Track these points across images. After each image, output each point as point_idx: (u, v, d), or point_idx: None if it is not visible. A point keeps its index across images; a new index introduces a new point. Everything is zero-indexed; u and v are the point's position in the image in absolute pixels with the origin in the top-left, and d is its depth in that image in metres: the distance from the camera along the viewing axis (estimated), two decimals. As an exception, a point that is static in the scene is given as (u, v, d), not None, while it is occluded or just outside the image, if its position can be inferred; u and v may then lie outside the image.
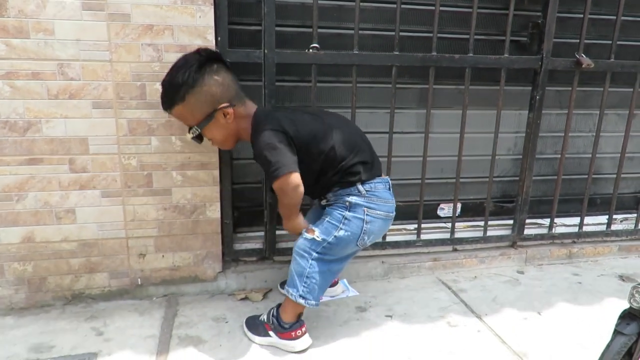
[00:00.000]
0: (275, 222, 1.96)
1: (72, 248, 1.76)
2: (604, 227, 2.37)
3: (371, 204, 1.56)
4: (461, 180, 2.27)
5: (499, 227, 2.31)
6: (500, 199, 2.40)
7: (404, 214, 2.21)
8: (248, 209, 2.10)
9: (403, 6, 1.93)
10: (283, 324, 1.56)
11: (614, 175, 2.36)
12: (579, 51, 2.06)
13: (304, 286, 1.54)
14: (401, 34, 1.98)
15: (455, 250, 2.24)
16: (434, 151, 2.19)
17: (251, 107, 1.60)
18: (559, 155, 2.23)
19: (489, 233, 2.24)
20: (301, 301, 1.54)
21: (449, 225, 2.23)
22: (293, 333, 1.56)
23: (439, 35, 2.00)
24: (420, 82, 2.12)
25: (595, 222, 2.42)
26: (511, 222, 2.27)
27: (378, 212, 1.57)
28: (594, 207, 2.49)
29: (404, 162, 2.19)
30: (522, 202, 2.21)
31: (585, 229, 2.36)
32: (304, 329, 1.58)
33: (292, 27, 1.94)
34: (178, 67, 1.49)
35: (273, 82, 1.82)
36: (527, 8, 2.12)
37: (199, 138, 1.60)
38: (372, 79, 2.06)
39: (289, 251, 2.00)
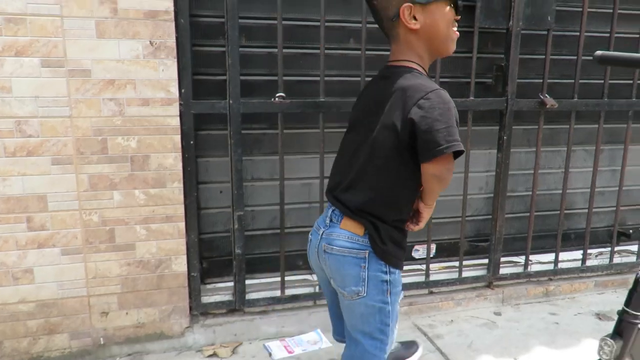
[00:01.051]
0: (245, 272, 1.92)
1: (30, 309, 1.69)
2: (579, 263, 2.37)
3: None
4: (435, 220, 2.26)
5: (474, 267, 2.28)
6: (475, 238, 2.38)
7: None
8: (218, 259, 2.05)
9: (369, 52, 1.96)
10: None
11: (586, 210, 2.37)
12: (542, 92, 2.09)
13: None
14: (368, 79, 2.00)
15: (431, 292, 2.21)
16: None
17: None
18: (531, 193, 2.24)
19: (465, 274, 2.22)
20: None
21: (425, 267, 2.21)
22: None
23: None
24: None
25: (570, 257, 2.41)
26: (487, 261, 2.26)
27: None
28: (568, 243, 2.48)
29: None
30: (496, 241, 2.20)
31: (560, 265, 2.34)
32: None
33: (258, 76, 1.95)
34: None
35: (239, 131, 1.80)
36: (491, 51, 2.16)
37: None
38: (338, 123, 2.06)
39: (260, 302, 1.97)
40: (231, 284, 1.95)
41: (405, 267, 2.20)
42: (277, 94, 1.82)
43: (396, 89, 1.20)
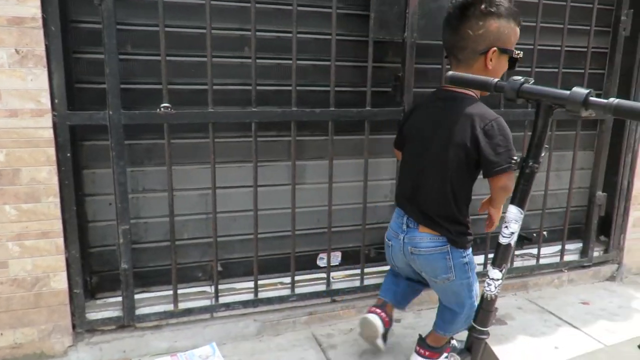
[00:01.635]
0: (133, 286, 1.86)
1: None
2: (481, 268, 2.43)
3: None
4: (340, 228, 2.28)
5: (379, 275, 2.31)
6: (381, 245, 2.41)
7: (281, 267, 2.18)
8: (109, 273, 1.98)
9: (263, 61, 1.93)
10: None
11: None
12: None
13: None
14: (264, 88, 1.98)
15: (333, 301, 2.22)
16: (308, 202, 2.19)
17: None
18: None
19: (368, 282, 2.24)
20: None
21: (330, 275, 2.22)
22: None
23: (309, 88, 2.04)
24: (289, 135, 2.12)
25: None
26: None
27: None
28: (474, 248, 2.54)
29: (278, 214, 2.16)
30: (397, 249, 2.23)
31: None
32: None
33: (144, 85, 1.88)
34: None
35: (121, 142, 1.74)
36: (392, 60, 2.18)
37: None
38: (238, 133, 2.03)
39: (151, 316, 1.92)
40: (121, 299, 1.90)
41: (308, 276, 2.25)
42: (162, 105, 1.76)
43: (464, 114, 1.55)
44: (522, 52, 1.62)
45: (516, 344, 2.02)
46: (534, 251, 2.56)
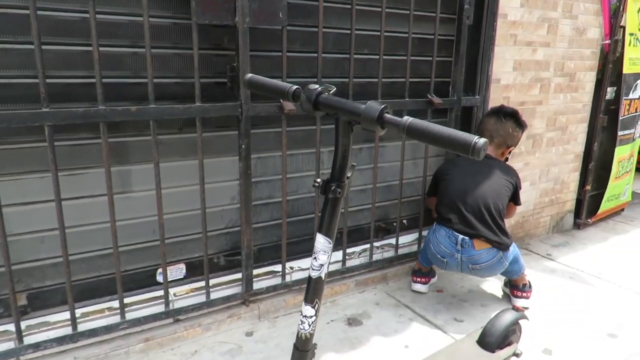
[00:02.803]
0: None
1: None
2: (340, 265, 2.35)
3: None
4: (183, 238, 2.02)
5: (229, 284, 2.10)
6: (232, 251, 2.20)
7: (112, 289, 1.87)
8: None
9: (55, 47, 1.56)
10: None
11: (352, 209, 2.36)
12: (282, 94, 1.93)
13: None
14: (62, 81, 1.62)
15: (177, 321, 1.97)
16: (140, 211, 1.89)
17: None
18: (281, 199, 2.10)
19: (216, 295, 2.02)
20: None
21: (173, 291, 1.96)
22: None
23: (126, 80, 1.72)
24: (117, 135, 1.79)
25: (334, 259, 2.38)
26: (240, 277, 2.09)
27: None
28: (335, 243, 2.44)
29: (102, 229, 1.83)
30: (246, 255, 2.03)
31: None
32: None
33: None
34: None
35: None
36: (228, 47, 1.92)
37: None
38: (33, 137, 1.65)
39: None
40: None
41: (145, 296, 1.97)
42: None
43: (500, 166, 2.27)
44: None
45: (369, 347, 1.95)
46: (394, 241, 2.53)
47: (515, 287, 2.33)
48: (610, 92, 3.14)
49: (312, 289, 1.08)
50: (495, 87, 2.59)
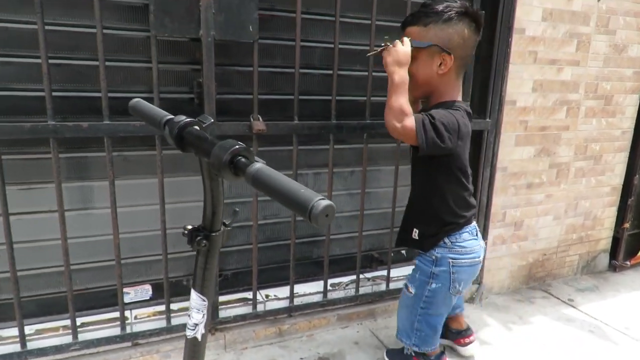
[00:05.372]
0: None
1: None
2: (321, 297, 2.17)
3: (456, 255, 1.65)
4: (150, 258, 1.95)
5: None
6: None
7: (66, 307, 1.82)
8: None
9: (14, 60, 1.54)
10: None
11: (338, 236, 2.19)
12: (253, 113, 1.80)
13: (416, 337, 1.74)
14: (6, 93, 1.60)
15: (135, 345, 1.88)
16: (100, 229, 1.84)
17: (457, 93, 1.61)
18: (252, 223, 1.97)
19: (178, 320, 1.91)
20: (415, 349, 1.76)
21: (135, 313, 1.89)
22: None
23: (88, 94, 1.69)
24: (74, 150, 1.75)
25: (316, 289, 2.21)
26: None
27: (463, 261, 1.65)
28: (318, 272, 2.28)
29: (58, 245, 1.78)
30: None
31: (302, 300, 2.13)
32: None
33: None
34: (447, 0, 1.51)
35: None
36: (200, 61, 1.83)
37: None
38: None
39: None
40: None
41: (103, 317, 1.90)
42: None
43: None
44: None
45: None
46: (385, 273, 2.32)
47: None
48: (657, 117, 2.75)
49: (188, 352, 0.94)
50: (509, 110, 2.32)
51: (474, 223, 1.74)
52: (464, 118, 1.57)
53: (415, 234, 1.71)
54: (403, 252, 2.51)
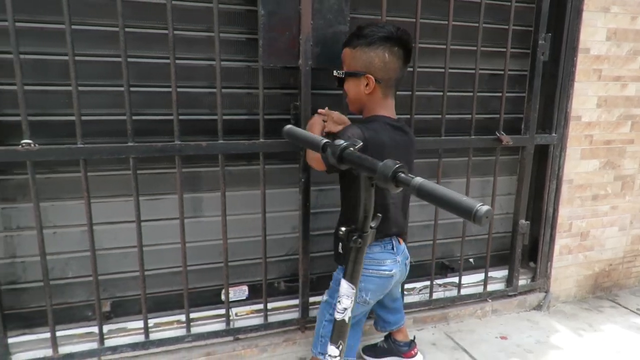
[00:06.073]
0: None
1: None
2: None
3: (364, 265, 1.62)
4: (248, 261, 2.18)
5: (287, 309, 2.20)
6: (291, 277, 2.30)
7: (182, 304, 2.06)
8: None
9: (141, 89, 1.82)
10: None
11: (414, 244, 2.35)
12: (342, 131, 2.02)
13: (321, 344, 1.75)
14: (144, 117, 1.87)
15: (237, 339, 2.10)
16: (209, 235, 2.09)
17: (383, 109, 1.69)
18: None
19: (273, 318, 2.14)
20: (320, 357, 1.75)
21: (235, 311, 2.12)
22: None
23: (197, 117, 1.94)
24: (190, 166, 2.01)
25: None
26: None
27: (371, 271, 1.68)
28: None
29: (175, 249, 2.04)
30: (303, 284, 2.12)
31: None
32: None
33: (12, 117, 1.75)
34: (376, 25, 1.63)
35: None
36: (294, 86, 2.07)
37: (339, 82, 1.73)
38: (121, 165, 1.91)
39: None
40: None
41: (209, 313, 2.14)
42: (23, 141, 1.64)
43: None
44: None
45: (417, 388, 1.92)
46: (457, 280, 2.46)
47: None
48: None
49: (336, 331, 1.13)
50: (575, 125, 2.44)
51: (393, 239, 1.74)
52: (375, 131, 1.61)
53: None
54: (471, 260, 2.64)
